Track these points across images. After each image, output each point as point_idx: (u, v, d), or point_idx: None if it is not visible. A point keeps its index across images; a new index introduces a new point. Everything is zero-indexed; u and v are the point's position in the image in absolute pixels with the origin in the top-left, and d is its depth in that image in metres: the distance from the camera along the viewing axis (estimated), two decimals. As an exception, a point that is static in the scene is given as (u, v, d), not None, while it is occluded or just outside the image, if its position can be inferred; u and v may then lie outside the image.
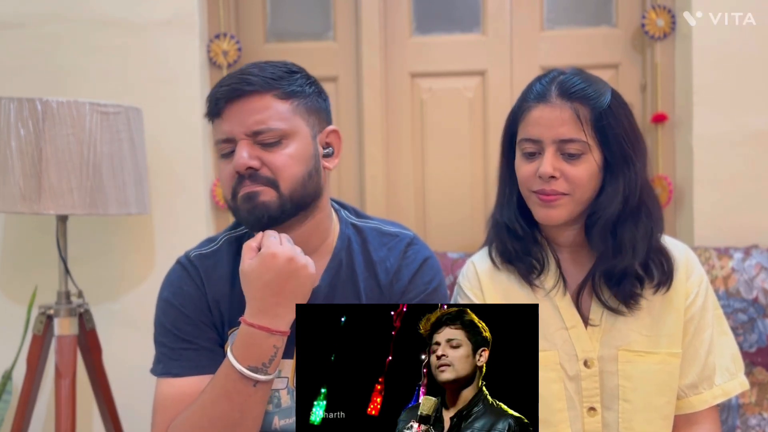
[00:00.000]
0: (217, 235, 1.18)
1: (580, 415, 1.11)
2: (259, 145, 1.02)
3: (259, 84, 1.01)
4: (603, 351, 1.11)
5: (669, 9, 1.82)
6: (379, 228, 1.17)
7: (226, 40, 1.88)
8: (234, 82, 1.02)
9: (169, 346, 1.08)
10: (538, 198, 1.10)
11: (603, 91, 1.09)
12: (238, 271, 1.09)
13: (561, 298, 1.14)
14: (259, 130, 1.01)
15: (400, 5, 1.94)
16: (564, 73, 1.12)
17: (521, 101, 1.14)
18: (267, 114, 1.01)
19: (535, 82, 1.14)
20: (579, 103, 1.07)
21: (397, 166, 1.95)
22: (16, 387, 1.77)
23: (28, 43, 1.82)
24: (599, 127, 1.07)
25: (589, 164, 1.08)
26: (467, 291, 1.21)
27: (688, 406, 1.14)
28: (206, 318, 1.09)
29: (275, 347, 0.99)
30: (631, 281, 1.10)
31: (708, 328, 1.14)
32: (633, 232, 1.10)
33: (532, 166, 1.10)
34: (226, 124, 1.02)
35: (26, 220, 1.84)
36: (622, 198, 1.09)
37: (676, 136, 1.85)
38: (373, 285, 1.11)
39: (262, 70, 1.03)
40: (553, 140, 1.07)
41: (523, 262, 1.15)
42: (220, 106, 1.02)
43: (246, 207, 1.02)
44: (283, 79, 1.03)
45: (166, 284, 1.13)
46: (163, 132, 1.80)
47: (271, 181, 1.02)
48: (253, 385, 0.99)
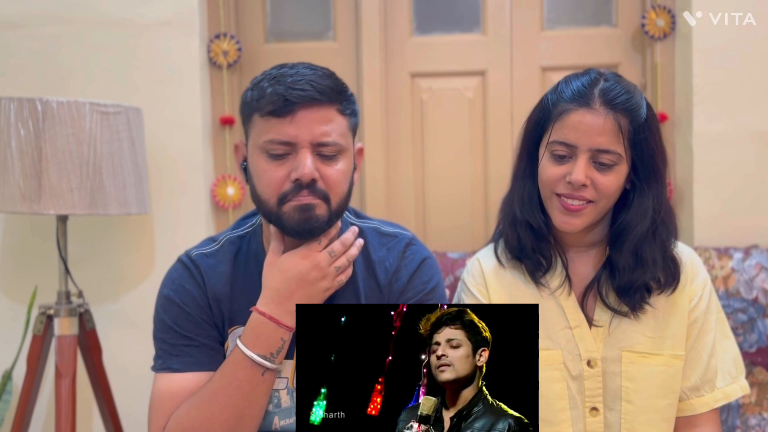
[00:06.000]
0: (218, 235, 1.18)
1: (582, 415, 1.11)
2: (318, 156, 1.01)
3: (329, 95, 1.01)
4: (606, 351, 1.11)
5: (669, 9, 1.82)
6: (378, 228, 1.17)
7: (226, 40, 1.88)
8: (306, 88, 0.99)
9: (170, 342, 1.09)
10: (561, 204, 1.08)
11: (641, 103, 1.07)
12: (239, 270, 1.10)
13: (566, 298, 1.14)
14: (324, 141, 1.00)
15: (400, 5, 1.94)
16: (605, 77, 1.08)
17: (556, 99, 1.09)
18: (332, 127, 1.01)
19: (572, 79, 1.10)
20: (621, 115, 1.04)
21: (397, 166, 1.95)
22: (16, 387, 1.77)
23: (28, 43, 1.82)
24: (636, 141, 1.06)
25: (619, 175, 1.07)
26: (472, 288, 1.20)
27: (689, 409, 1.14)
28: (207, 316, 1.10)
29: (282, 339, 1.03)
30: (641, 292, 1.10)
31: (711, 332, 1.14)
32: (653, 247, 1.10)
33: (560, 169, 1.07)
34: (293, 127, 0.99)
35: (26, 220, 1.84)
36: (651, 211, 1.08)
37: (676, 136, 1.85)
38: (373, 285, 1.12)
39: (322, 78, 1.02)
40: (589, 148, 1.05)
41: (531, 259, 1.14)
42: (291, 108, 0.99)
43: (299, 217, 1.01)
44: (342, 93, 1.04)
45: (167, 281, 1.14)
46: (163, 132, 1.80)
47: (325, 195, 1.02)
48: (262, 374, 1.02)
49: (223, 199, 1.88)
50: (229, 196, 1.88)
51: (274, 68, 1.05)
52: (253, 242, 1.14)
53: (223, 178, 1.89)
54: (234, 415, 1.01)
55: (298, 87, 0.99)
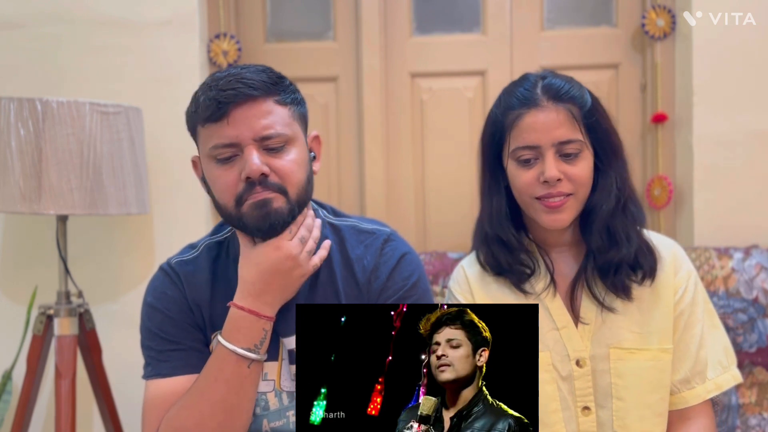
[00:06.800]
0: (197, 242, 1.19)
1: (575, 415, 1.12)
2: (265, 151, 1.01)
3: (262, 88, 1.00)
4: (594, 350, 1.12)
5: (669, 9, 1.82)
6: (356, 226, 1.16)
7: (226, 40, 1.88)
8: (237, 86, 0.99)
9: (157, 348, 1.10)
10: (544, 205, 1.09)
11: (583, 90, 1.12)
12: (218, 275, 1.10)
13: (551, 300, 1.14)
14: (267, 135, 1.00)
15: (400, 5, 1.94)
16: (541, 76, 1.12)
17: (505, 109, 1.12)
18: (273, 119, 1.01)
19: (513, 88, 1.13)
20: (569, 104, 1.08)
21: (397, 166, 1.95)
22: (16, 387, 1.77)
23: (28, 43, 1.82)
24: (589, 124, 1.09)
25: (587, 161, 1.10)
26: (457, 295, 1.21)
27: (681, 402, 1.14)
28: (190, 320, 1.10)
29: (264, 330, 1.03)
30: (625, 271, 1.11)
31: (698, 323, 1.14)
32: (624, 222, 1.12)
33: (531, 172, 1.09)
34: (231, 128, 1.00)
35: (26, 220, 1.84)
36: (616, 190, 1.11)
37: (676, 136, 1.85)
38: (352, 284, 1.11)
39: (255, 73, 1.02)
40: (552, 143, 1.07)
41: (514, 272, 1.15)
42: (224, 110, 0.99)
43: (258, 214, 1.01)
44: (278, 84, 1.03)
45: (149, 290, 1.15)
46: (163, 132, 1.80)
47: (280, 188, 1.02)
48: (248, 366, 1.03)
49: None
50: (229, 196, 1.88)
51: (208, 77, 1.06)
52: (231, 247, 1.14)
53: (223, 178, 1.88)
54: (224, 410, 1.02)
55: (228, 87, 1.00)
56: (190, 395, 1.03)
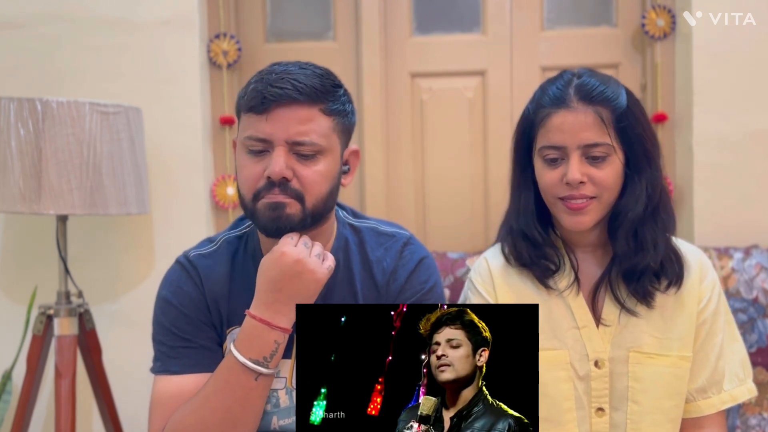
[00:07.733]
0: (216, 236, 1.18)
1: (588, 416, 1.11)
2: (295, 155, 1.01)
3: (309, 95, 1.00)
4: (614, 352, 1.11)
5: (669, 9, 1.82)
6: (376, 228, 1.17)
7: (226, 40, 1.88)
8: (285, 87, 0.99)
9: (168, 344, 1.09)
10: (566, 206, 1.08)
11: (619, 91, 1.09)
12: (237, 270, 1.09)
13: (574, 298, 1.14)
14: (300, 141, 1.00)
15: (400, 5, 1.94)
16: (578, 74, 1.11)
17: (536, 107, 1.12)
18: (310, 126, 1.00)
19: (548, 85, 1.12)
20: (600, 106, 1.06)
21: (397, 166, 1.95)
22: (16, 387, 1.77)
23: (28, 43, 1.82)
24: (621, 128, 1.07)
25: (614, 165, 1.07)
26: (479, 287, 1.20)
27: (696, 410, 1.14)
28: (205, 317, 1.10)
29: (276, 342, 1.00)
30: (649, 278, 1.10)
31: (719, 333, 1.14)
32: (654, 229, 1.10)
33: (556, 172, 1.08)
34: (268, 125, 1.00)
35: (26, 220, 1.84)
36: (645, 196, 1.09)
37: (676, 136, 1.85)
38: (370, 285, 1.11)
39: (309, 77, 1.01)
40: (578, 146, 1.06)
41: (539, 266, 1.14)
42: (267, 105, 0.99)
43: (269, 215, 1.01)
44: (329, 93, 1.03)
45: (164, 283, 1.13)
46: (163, 132, 1.80)
47: (298, 195, 1.01)
48: (255, 379, 1.00)
49: (223, 199, 1.88)
50: (229, 196, 1.88)
51: (269, 66, 1.05)
52: (250, 242, 1.14)
53: (223, 178, 1.89)
54: (227, 419, 1.00)
55: (278, 85, 0.99)
56: (196, 400, 1.02)
